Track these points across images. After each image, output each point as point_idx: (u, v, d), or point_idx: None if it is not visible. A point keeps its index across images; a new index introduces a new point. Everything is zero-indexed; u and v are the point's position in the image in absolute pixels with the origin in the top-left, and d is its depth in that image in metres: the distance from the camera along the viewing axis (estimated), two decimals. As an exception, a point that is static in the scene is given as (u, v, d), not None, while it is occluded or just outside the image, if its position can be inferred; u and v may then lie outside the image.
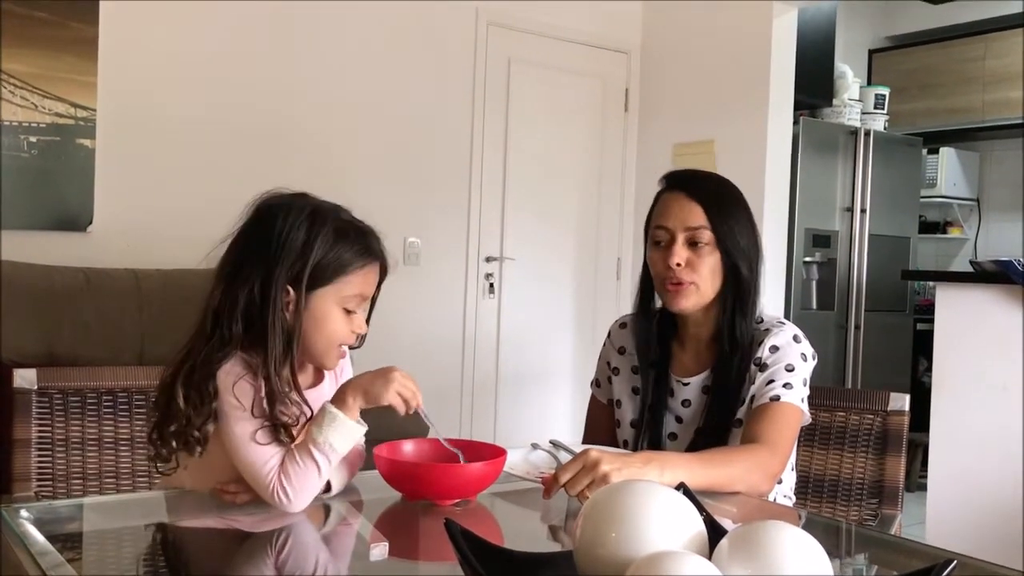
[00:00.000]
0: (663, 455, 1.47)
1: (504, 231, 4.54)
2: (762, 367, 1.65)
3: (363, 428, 1.36)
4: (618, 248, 4.91)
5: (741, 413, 1.65)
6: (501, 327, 4.55)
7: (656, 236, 1.70)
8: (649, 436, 1.74)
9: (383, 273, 1.43)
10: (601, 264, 4.87)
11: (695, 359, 1.74)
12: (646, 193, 4.77)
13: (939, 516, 3.13)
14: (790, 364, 1.64)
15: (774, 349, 1.66)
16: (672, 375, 1.75)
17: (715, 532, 0.92)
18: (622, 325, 1.86)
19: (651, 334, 1.76)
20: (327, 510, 1.37)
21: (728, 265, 1.66)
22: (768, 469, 1.52)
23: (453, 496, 1.37)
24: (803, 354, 1.66)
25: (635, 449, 1.75)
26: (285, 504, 1.30)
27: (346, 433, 1.32)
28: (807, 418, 1.66)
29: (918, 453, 4.46)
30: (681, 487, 1.02)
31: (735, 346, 1.66)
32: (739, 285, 1.67)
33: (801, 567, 0.83)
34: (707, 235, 1.65)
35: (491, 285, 4.51)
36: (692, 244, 1.65)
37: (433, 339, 4.28)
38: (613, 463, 1.33)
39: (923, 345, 4.87)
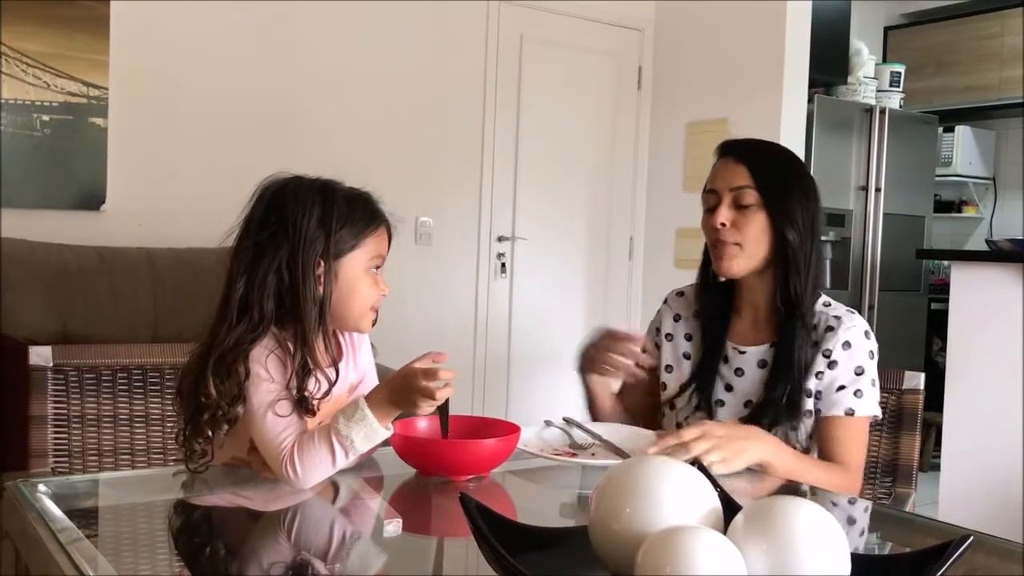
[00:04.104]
0: (768, 437, 1.55)
1: (516, 211, 4.53)
2: (832, 364, 1.62)
3: (388, 433, 1.37)
4: (630, 227, 4.89)
5: (810, 404, 1.63)
6: (513, 307, 4.55)
7: (706, 201, 1.69)
8: (697, 399, 1.72)
9: (389, 233, 1.47)
10: (613, 243, 4.86)
11: (752, 328, 1.71)
12: (659, 172, 4.82)
13: (952, 496, 3.12)
14: (859, 367, 1.62)
15: (847, 345, 1.62)
16: (729, 341, 1.73)
17: (729, 508, 0.92)
18: (679, 293, 1.85)
19: (713, 299, 1.75)
20: (342, 486, 1.38)
21: (776, 230, 1.63)
22: (846, 492, 1.56)
23: (467, 472, 1.37)
24: (871, 352, 1.64)
25: (676, 411, 1.74)
26: (292, 479, 1.31)
27: (370, 434, 1.33)
28: (879, 416, 1.66)
29: (931, 433, 4.44)
30: (695, 463, 1.02)
31: (792, 308, 1.63)
32: (787, 254, 1.62)
33: (817, 542, 0.83)
34: (752, 195, 1.63)
35: (503, 265, 4.51)
36: (739, 206, 1.64)
37: (445, 319, 4.28)
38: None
39: (937, 325, 4.84)
